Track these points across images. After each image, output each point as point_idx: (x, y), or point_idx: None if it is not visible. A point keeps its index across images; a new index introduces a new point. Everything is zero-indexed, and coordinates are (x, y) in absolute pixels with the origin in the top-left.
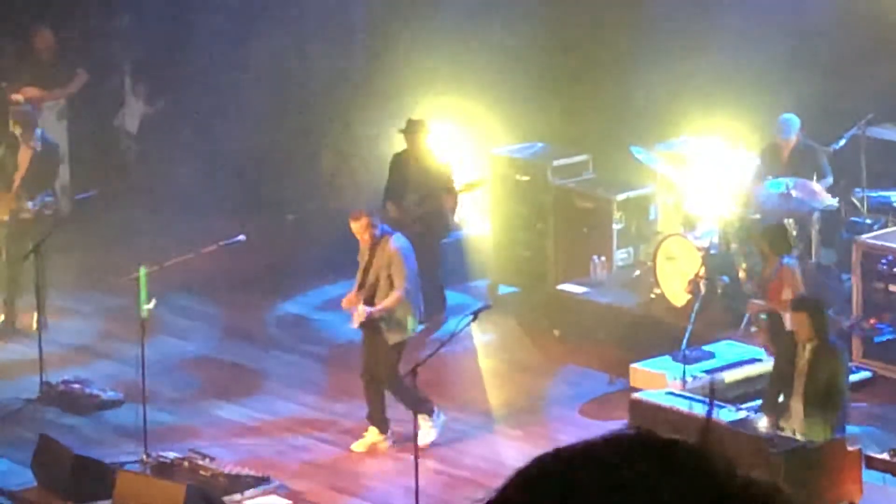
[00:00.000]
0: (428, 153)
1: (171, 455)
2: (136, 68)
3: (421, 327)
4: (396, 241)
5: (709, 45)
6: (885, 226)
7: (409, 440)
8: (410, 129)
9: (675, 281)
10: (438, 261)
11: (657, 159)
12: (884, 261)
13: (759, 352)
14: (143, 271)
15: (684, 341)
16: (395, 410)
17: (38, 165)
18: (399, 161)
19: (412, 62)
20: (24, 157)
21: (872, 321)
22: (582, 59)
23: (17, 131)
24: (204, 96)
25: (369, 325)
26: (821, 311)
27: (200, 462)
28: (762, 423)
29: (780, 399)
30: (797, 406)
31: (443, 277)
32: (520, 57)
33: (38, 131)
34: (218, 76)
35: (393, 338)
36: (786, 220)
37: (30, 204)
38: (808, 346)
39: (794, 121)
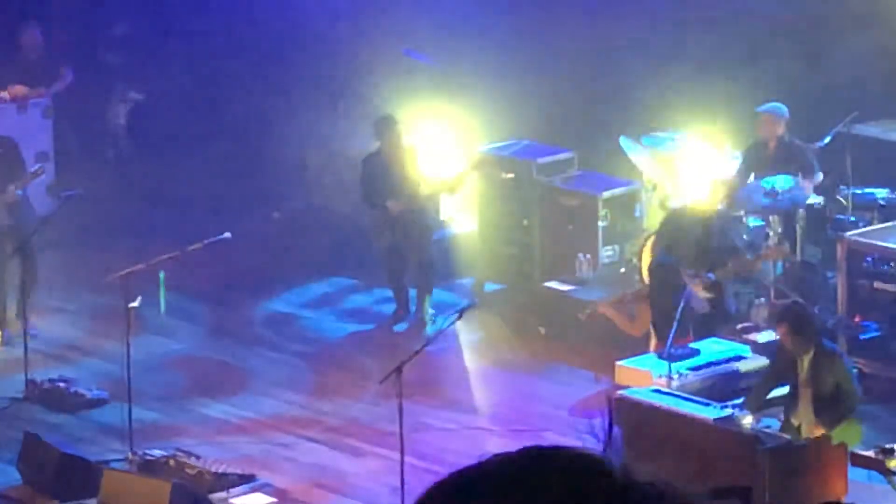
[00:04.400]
0: (404, 149)
1: (157, 453)
2: (123, 69)
3: None
4: None
5: (695, 42)
6: (870, 223)
7: (396, 438)
8: (382, 127)
9: None
10: (432, 259)
11: (644, 153)
12: (869, 258)
13: (744, 348)
14: (161, 276)
15: (669, 339)
16: (384, 408)
17: (2, 164)
18: (374, 162)
19: (397, 60)
20: None
21: (857, 319)
22: (567, 56)
23: None
24: (190, 94)
25: None
26: (803, 322)
27: (186, 460)
28: (747, 420)
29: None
30: (806, 415)
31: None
32: (504, 54)
33: None
34: (202, 75)
35: None
36: (770, 218)
37: (18, 192)
38: (806, 358)
39: (781, 108)
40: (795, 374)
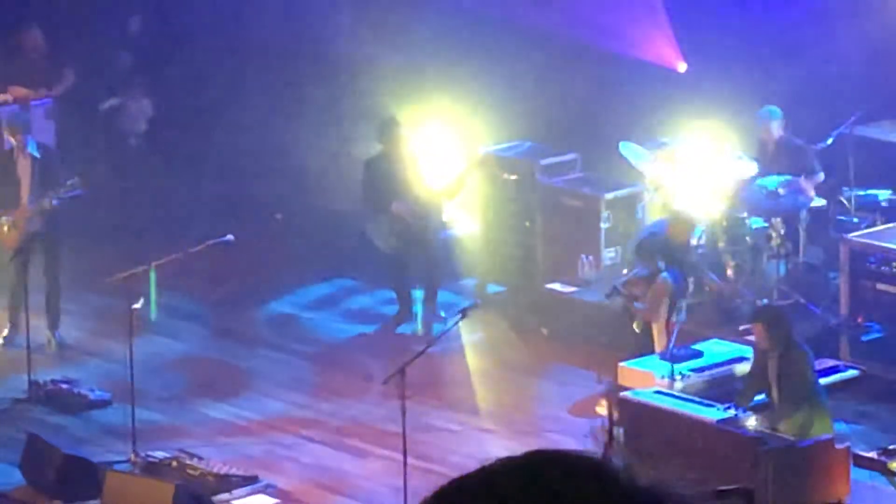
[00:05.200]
0: (409, 152)
1: (160, 454)
2: (137, 68)
3: None
4: None
5: (695, 42)
6: (873, 224)
7: (399, 438)
8: (385, 129)
9: None
10: (437, 260)
11: (645, 157)
12: (871, 259)
13: (747, 350)
14: (153, 272)
15: (672, 339)
16: (387, 409)
17: (41, 172)
18: (376, 165)
19: (400, 61)
20: (23, 167)
21: (860, 320)
22: (569, 57)
23: (14, 140)
24: (193, 96)
25: None
26: (778, 320)
27: (189, 461)
28: (750, 422)
29: (761, 399)
30: (776, 408)
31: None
32: (507, 55)
33: (28, 137)
34: (206, 77)
35: None
36: (773, 220)
37: (55, 202)
38: (774, 356)
39: (774, 111)
40: (766, 374)
